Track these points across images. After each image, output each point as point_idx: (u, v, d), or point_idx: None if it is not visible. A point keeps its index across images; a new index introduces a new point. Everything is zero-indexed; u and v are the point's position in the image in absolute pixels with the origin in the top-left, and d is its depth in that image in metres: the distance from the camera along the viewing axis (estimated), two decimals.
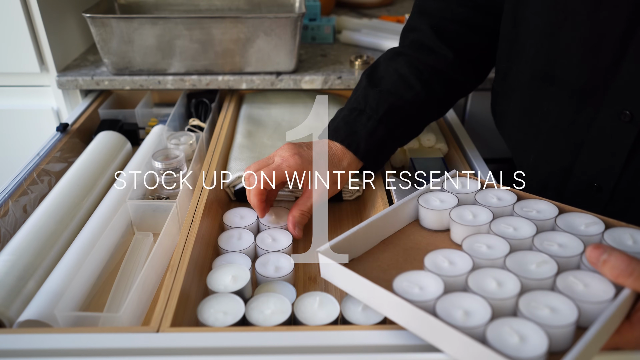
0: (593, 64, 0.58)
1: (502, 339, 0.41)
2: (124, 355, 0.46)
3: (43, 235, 0.63)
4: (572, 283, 0.46)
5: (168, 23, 0.91)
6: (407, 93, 0.70)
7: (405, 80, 0.71)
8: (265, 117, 0.94)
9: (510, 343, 0.40)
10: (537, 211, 0.56)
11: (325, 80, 0.98)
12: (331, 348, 0.46)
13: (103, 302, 0.59)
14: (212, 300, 0.53)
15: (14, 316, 0.54)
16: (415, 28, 0.75)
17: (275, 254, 0.62)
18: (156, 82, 0.97)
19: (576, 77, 0.60)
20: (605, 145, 0.59)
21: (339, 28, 1.22)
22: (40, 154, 0.80)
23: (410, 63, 0.72)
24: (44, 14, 0.94)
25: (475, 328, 0.42)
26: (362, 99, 0.71)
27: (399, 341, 0.46)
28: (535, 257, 0.49)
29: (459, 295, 0.45)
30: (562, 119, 0.63)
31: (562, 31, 0.59)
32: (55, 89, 1.00)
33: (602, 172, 0.61)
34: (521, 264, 0.48)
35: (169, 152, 0.78)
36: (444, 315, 0.43)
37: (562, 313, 0.43)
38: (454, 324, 0.42)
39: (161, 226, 0.63)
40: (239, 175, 0.76)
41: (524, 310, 0.43)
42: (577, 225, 0.53)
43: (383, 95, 0.70)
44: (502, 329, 0.42)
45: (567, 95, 0.61)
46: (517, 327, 0.42)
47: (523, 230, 0.53)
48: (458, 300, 0.45)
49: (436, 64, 0.72)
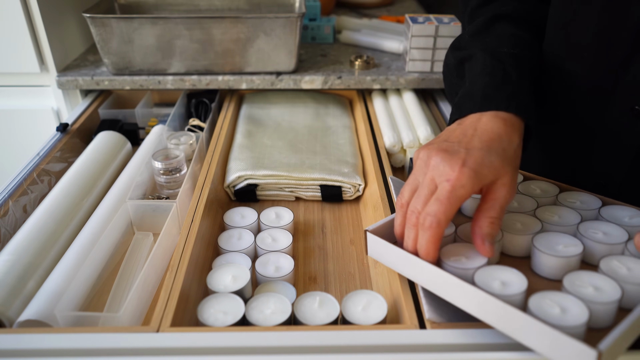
0: (604, 58, 0.58)
1: (544, 310, 0.43)
2: (124, 355, 0.46)
3: (43, 235, 0.63)
4: (616, 267, 0.48)
5: (168, 23, 0.91)
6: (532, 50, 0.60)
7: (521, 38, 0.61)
8: (265, 117, 0.94)
9: (551, 314, 0.43)
10: (580, 202, 0.58)
11: (325, 80, 0.98)
12: (331, 348, 0.46)
13: (103, 302, 0.59)
14: (212, 300, 0.53)
15: (14, 316, 0.54)
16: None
17: (275, 254, 0.62)
18: (156, 82, 0.97)
19: (587, 71, 0.60)
20: (614, 142, 0.59)
21: (339, 28, 1.22)
22: (40, 154, 0.80)
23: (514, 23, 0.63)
24: (44, 14, 0.94)
25: (513, 296, 0.45)
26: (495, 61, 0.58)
27: (399, 341, 0.46)
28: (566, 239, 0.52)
29: (497, 268, 0.48)
30: (574, 112, 0.63)
31: (574, 24, 0.59)
32: (55, 89, 1.00)
33: (610, 169, 0.61)
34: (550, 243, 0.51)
35: (169, 152, 0.78)
36: (483, 285, 0.46)
37: (605, 292, 0.45)
38: (493, 292, 0.45)
39: (161, 226, 0.63)
40: (239, 175, 0.76)
41: (568, 288, 0.46)
42: (620, 217, 0.55)
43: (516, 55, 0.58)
44: (544, 301, 0.44)
45: (579, 89, 0.61)
46: (558, 300, 0.44)
47: (567, 218, 0.55)
48: (495, 272, 0.48)
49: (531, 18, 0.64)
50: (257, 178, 0.76)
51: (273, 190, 0.78)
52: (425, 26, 0.95)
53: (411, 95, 0.99)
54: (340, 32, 1.19)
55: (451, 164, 0.48)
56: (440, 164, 0.49)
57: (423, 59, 0.98)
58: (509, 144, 0.51)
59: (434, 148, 0.51)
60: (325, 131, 0.90)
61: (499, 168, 0.49)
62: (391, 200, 0.70)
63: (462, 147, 0.50)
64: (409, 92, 1.00)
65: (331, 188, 0.77)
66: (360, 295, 0.54)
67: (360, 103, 1.00)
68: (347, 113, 0.98)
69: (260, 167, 0.77)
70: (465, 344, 0.46)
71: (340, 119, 0.95)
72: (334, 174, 0.77)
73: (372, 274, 0.64)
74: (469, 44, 0.64)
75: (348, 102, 1.04)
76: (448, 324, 0.48)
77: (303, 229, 0.73)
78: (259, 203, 0.78)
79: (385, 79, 0.98)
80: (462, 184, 0.47)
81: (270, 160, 0.79)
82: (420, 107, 0.94)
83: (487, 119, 0.52)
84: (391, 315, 0.54)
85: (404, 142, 0.84)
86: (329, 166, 0.79)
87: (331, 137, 0.88)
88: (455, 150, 0.50)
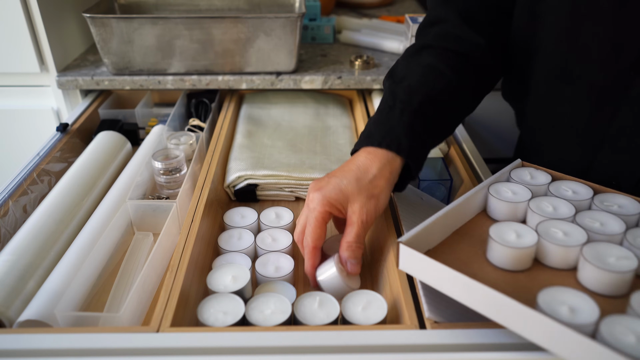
0: (614, 63, 0.57)
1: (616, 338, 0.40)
2: (124, 355, 0.45)
3: (43, 235, 0.63)
4: None
5: (168, 23, 0.91)
6: (439, 82, 0.62)
7: (434, 69, 0.63)
8: (265, 117, 0.94)
9: (625, 342, 0.39)
10: (618, 206, 0.55)
11: (325, 80, 0.98)
12: (331, 348, 0.46)
13: (103, 302, 0.59)
14: (212, 300, 0.53)
15: (14, 316, 0.54)
16: (440, 19, 0.68)
17: (275, 254, 0.62)
18: (156, 82, 0.97)
19: (596, 76, 0.59)
20: (624, 145, 0.59)
21: (339, 28, 1.22)
22: (40, 154, 0.80)
23: (436, 54, 0.65)
24: (44, 14, 0.94)
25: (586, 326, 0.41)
26: (390, 97, 0.62)
27: (399, 341, 0.46)
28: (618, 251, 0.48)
29: (562, 290, 0.44)
30: (579, 118, 0.62)
31: (584, 29, 0.58)
32: (55, 89, 1.00)
33: (623, 171, 0.60)
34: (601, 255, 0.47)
35: (169, 152, 0.78)
36: (548, 309, 0.42)
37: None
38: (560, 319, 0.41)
39: (161, 226, 0.63)
40: (239, 175, 0.76)
41: (637, 309, 0.42)
42: None
43: (413, 87, 0.61)
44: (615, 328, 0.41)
45: (585, 94, 0.60)
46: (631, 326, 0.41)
47: (610, 226, 0.52)
48: (561, 295, 0.43)
49: (466, 52, 0.65)
50: (257, 178, 0.76)
51: (273, 190, 0.78)
52: None
53: None
54: (340, 32, 1.19)
55: (311, 191, 0.58)
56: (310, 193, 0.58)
57: None
58: (364, 173, 0.57)
59: None
60: (325, 131, 0.90)
61: (348, 194, 0.56)
62: (391, 200, 0.70)
63: (325, 178, 0.59)
64: None
65: None
66: (360, 295, 0.54)
67: (360, 103, 1.00)
68: (347, 113, 0.98)
69: (260, 167, 0.77)
70: (465, 344, 0.46)
71: (340, 119, 0.95)
72: None
73: (372, 273, 0.64)
74: (394, 70, 0.68)
75: (348, 102, 1.04)
76: (448, 324, 0.48)
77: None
78: (259, 203, 0.78)
79: None
80: (314, 206, 0.56)
81: (270, 160, 0.79)
82: None
83: (358, 154, 0.59)
84: (391, 315, 0.54)
85: None
86: (329, 166, 0.79)
87: (331, 137, 0.88)
88: (323, 181, 0.58)
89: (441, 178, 0.73)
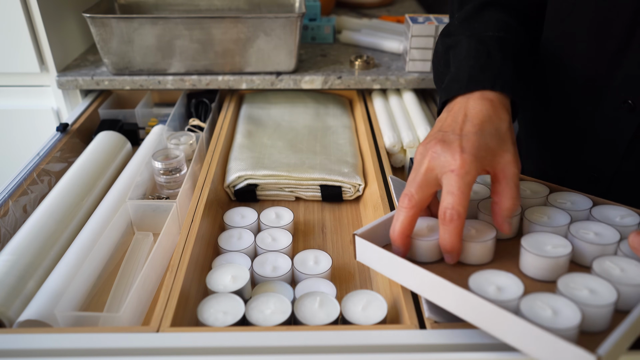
0: (599, 51, 0.58)
1: (535, 312, 0.42)
2: (124, 355, 0.46)
3: (43, 235, 0.63)
4: (609, 268, 0.47)
5: (168, 23, 0.91)
6: (519, 36, 0.61)
7: (509, 24, 0.62)
8: (265, 117, 0.94)
9: (543, 316, 0.42)
10: (571, 202, 0.57)
11: (325, 80, 0.98)
12: (331, 348, 0.46)
13: (103, 302, 0.59)
14: (212, 300, 0.53)
15: (14, 316, 0.54)
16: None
17: (273, 254, 0.62)
18: (156, 82, 0.97)
19: (583, 64, 0.60)
20: (606, 135, 0.60)
21: (339, 28, 1.22)
22: (40, 154, 0.80)
23: (502, 10, 0.64)
24: (44, 14, 0.94)
25: (509, 302, 0.44)
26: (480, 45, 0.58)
27: (399, 341, 0.46)
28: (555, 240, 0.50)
29: (492, 273, 0.47)
30: (568, 105, 0.63)
31: (571, 17, 0.59)
32: (55, 89, 1.00)
33: (602, 162, 0.61)
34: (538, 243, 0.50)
35: (169, 152, 0.78)
36: (478, 290, 0.45)
37: (600, 294, 0.44)
38: (488, 297, 0.44)
39: (161, 226, 0.63)
40: (239, 175, 0.76)
41: (563, 290, 0.44)
42: (612, 217, 0.54)
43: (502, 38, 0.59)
44: (535, 303, 0.43)
45: (574, 81, 0.62)
46: (550, 302, 0.43)
47: (557, 219, 0.54)
48: (491, 277, 0.47)
49: (524, 9, 0.65)
50: (257, 178, 0.76)
51: (273, 190, 0.78)
52: (425, 26, 0.95)
53: (411, 95, 0.99)
54: (340, 32, 1.19)
55: (451, 152, 0.49)
56: (441, 154, 0.49)
57: (423, 59, 0.98)
58: (500, 123, 0.51)
59: (430, 141, 0.51)
60: (325, 131, 0.90)
61: (496, 148, 0.50)
62: (391, 200, 0.70)
63: (456, 135, 0.50)
64: (409, 92, 1.00)
65: (331, 188, 0.77)
66: (360, 295, 0.54)
67: (360, 103, 1.00)
68: (347, 113, 0.98)
69: (260, 167, 0.77)
70: (465, 344, 0.46)
71: (340, 119, 0.95)
72: (334, 174, 0.77)
73: (372, 274, 0.64)
74: (457, 30, 0.64)
75: (348, 102, 1.04)
76: (448, 324, 0.48)
77: (303, 229, 0.73)
78: (259, 203, 0.78)
79: (385, 79, 0.98)
80: (466, 171, 0.47)
81: (270, 160, 0.79)
82: (420, 107, 0.94)
83: (474, 101, 0.53)
84: (391, 315, 0.54)
85: (404, 142, 0.84)
86: (329, 166, 0.79)
87: (331, 137, 0.88)
88: (450, 139, 0.50)
89: None
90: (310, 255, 0.63)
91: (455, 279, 0.46)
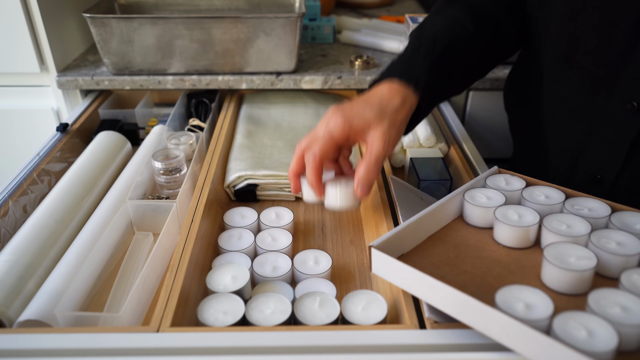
0: (607, 51, 0.58)
1: (569, 333, 0.41)
2: (124, 355, 0.46)
3: (43, 235, 0.63)
4: (637, 281, 0.46)
5: (168, 23, 0.91)
6: (461, 33, 0.65)
7: (458, 20, 0.66)
8: (265, 117, 0.94)
9: (577, 337, 0.40)
10: (588, 209, 0.56)
11: (325, 80, 0.98)
12: (331, 348, 0.46)
13: (103, 302, 0.59)
14: (212, 300, 0.53)
15: (14, 316, 0.54)
16: None
17: (273, 254, 0.62)
18: (156, 82, 0.97)
19: (591, 63, 0.60)
20: (610, 136, 0.60)
21: (339, 28, 1.22)
22: (40, 154, 0.80)
23: (461, 8, 0.68)
24: (44, 14, 0.94)
25: (540, 321, 0.42)
26: (416, 41, 0.66)
27: (399, 341, 0.46)
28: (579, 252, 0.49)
29: (519, 288, 0.45)
30: (576, 104, 0.63)
31: (581, 16, 0.60)
32: (55, 89, 1.00)
33: (605, 163, 0.61)
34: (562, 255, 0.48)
35: (169, 152, 0.78)
36: (504, 307, 0.43)
37: (633, 312, 0.43)
38: (516, 316, 0.42)
39: (161, 226, 0.63)
40: (239, 175, 0.76)
41: (595, 309, 0.43)
42: (632, 224, 0.53)
43: (437, 35, 0.65)
44: (568, 322, 0.42)
45: (582, 81, 0.62)
46: (584, 322, 0.42)
47: (577, 228, 0.53)
48: (518, 293, 0.45)
49: (488, 9, 0.68)
50: (257, 178, 0.76)
51: (273, 190, 0.78)
52: None
53: None
54: (340, 32, 1.19)
55: (333, 112, 0.59)
56: (327, 113, 0.59)
57: None
58: (388, 103, 0.59)
59: None
60: None
61: (371, 120, 0.57)
62: (391, 200, 0.70)
63: (347, 103, 0.60)
64: None
65: None
66: (360, 295, 0.54)
67: None
68: None
69: (260, 167, 0.77)
70: (465, 344, 0.46)
71: None
72: None
73: (372, 274, 0.64)
74: (423, 22, 0.70)
75: None
76: (448, 324, 0.48)
77: (303, 229, 0.73)
78: (259, 203, 0.78)
79: None
80: (333, 125, 0.57)
81: (270, 160, 0.79)
82: None
83: (380, 86, 0.61)
84: (391, 315, 0.54)
85: (403, 142, 0.84)
86: None
87: None
88: (346, 107, 0.59)
89: (441, 178, 0.73)
90: (310, 255, 0.63)
91: (479, 295, 0.44)
